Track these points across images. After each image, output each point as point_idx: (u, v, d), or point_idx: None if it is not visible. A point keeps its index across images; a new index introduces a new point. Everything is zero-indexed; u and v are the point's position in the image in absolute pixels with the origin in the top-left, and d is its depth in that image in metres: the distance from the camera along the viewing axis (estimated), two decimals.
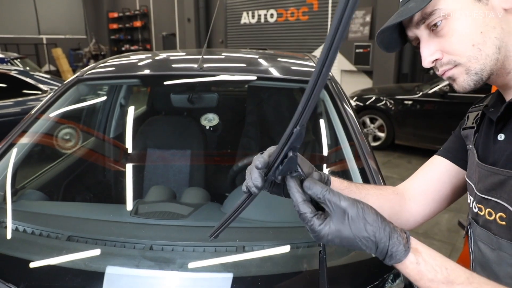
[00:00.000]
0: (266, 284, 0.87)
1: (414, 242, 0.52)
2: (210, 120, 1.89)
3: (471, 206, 0.68)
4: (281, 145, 0.48)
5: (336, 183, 0.68)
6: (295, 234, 1.05)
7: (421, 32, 0.63)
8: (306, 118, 0.44)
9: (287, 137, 0.46)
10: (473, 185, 0.67)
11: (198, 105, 1.79)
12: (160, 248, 0.96)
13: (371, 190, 0.75)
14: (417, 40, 0.65)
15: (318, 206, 0.52)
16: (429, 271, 0.50)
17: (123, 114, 2.31)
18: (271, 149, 0.54)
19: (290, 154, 0.48)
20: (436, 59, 0.63)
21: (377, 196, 0.74)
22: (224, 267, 0.92)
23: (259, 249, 0.97)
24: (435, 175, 0.78)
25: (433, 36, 0.62)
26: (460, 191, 0.78)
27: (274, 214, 1.18)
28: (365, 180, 1.16)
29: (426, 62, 0.63)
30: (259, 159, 0.52)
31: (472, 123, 0.72)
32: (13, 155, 1.33)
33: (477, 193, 0.65)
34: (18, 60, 6.53)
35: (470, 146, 0.70)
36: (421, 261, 0.50)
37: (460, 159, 0.76)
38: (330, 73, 1.58)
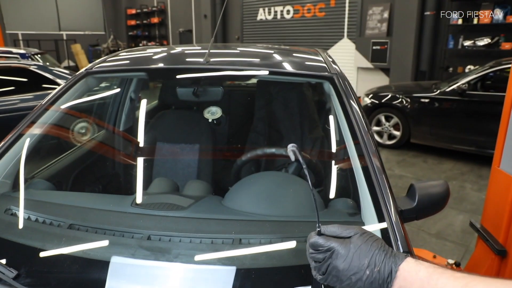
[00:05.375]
0: (261, 277, 0.87)
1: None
2: (213, 113, 1.89)
3: None
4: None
5: (411, 274, 0.57)
6: (292, 228, 1.04)
7: None
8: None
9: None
10: None
11: (203, 99, 1.79)
12: (158, 238, 0.97)
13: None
14: None
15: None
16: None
17: (133, 108, 2.33)
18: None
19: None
20: None
21: None
22: (219, 259, 0.92)
23: (256, 242, 0.96)
24: None
25: None
26: None
27: (272, 207, 1.17)
28: (368, 178, 1.12)
29: None
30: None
31: None
32: (22, 145, 1.35)
33: None
34: (39, 55, 6.70)
35: None
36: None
37: None
38: (337, 68, 1.53)
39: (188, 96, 1.81)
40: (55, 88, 4.89)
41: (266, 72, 1.55)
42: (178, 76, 1.82)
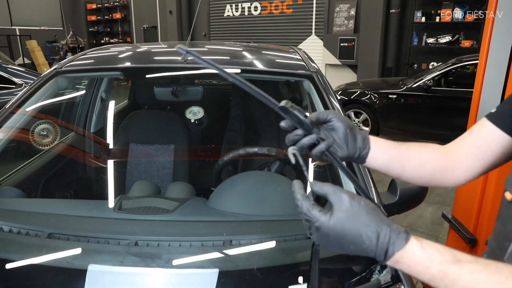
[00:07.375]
0: (253, 278, 0.87)
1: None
2: (195, 113, 1.85)
3: None
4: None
5: (376, 140, 0.71)
6: (283, 228, 1.05)
7: None
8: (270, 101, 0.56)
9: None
10: None
11: (183, 99, 1.75)
12: (146, 243, 0.94)
13: (412, 147, 0.74)
14: None
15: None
16: (437, 254, 0.49)
17: (104, 109, 2.24)
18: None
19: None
20: None
21: (418, 153, 0.74)
22: (211, 262, 0.90)
23: (246, 243, 0.96)
24: (484, 143, 0.72)
25: None
26: (507, 158, 0.73)
27: (258, 207, 1.17)
28: (352, 172, 1.14)
29: None
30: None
31: None
32: None
33: None
34: None
35: None
36: (425, 245, 0.50)
37: None
38: (315, 66, 1.55)
39: (166, 95, 1.76)
40: (10, 87, 4.54)
41: (247, 71, 1.53)
42: (155, 75, 1.77)
